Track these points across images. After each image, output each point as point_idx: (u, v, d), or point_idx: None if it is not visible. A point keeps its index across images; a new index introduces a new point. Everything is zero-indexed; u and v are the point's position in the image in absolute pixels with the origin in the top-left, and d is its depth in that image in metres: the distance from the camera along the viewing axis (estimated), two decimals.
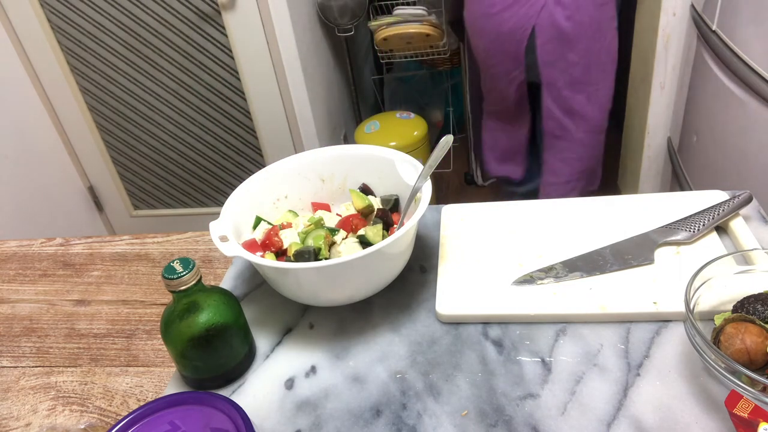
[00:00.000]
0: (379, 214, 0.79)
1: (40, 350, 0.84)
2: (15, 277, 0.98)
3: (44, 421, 0.74)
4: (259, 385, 0.68)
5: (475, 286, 0.73)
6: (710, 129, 1.48)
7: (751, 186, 0.97)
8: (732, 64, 1.31)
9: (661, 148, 1.96)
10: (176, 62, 2.01)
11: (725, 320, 0.57)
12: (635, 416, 0.57)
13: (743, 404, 0.49)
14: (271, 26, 1.89)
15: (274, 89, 2.03)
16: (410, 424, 0.60)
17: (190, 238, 1.01)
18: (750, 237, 0.72)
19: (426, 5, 2.22)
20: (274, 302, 0.78)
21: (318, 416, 0.63)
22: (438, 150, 0.75)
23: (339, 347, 0.70)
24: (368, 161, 0.83)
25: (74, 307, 0.91)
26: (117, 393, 0.77)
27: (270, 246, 0.76)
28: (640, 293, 0.68)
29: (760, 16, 1.19)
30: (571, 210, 0.83)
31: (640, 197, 0.84)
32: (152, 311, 0.89)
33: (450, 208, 0.88)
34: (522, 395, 0.61)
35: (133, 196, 2.37)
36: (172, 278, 0.60)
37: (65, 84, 2.08)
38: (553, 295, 0.70)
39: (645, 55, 1.87)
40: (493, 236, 0.81)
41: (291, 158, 0.84)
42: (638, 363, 0.62)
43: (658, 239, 0.75)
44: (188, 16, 1.92)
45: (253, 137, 2.17)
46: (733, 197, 0.76)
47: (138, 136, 2.19)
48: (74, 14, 1.94)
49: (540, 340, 0.66)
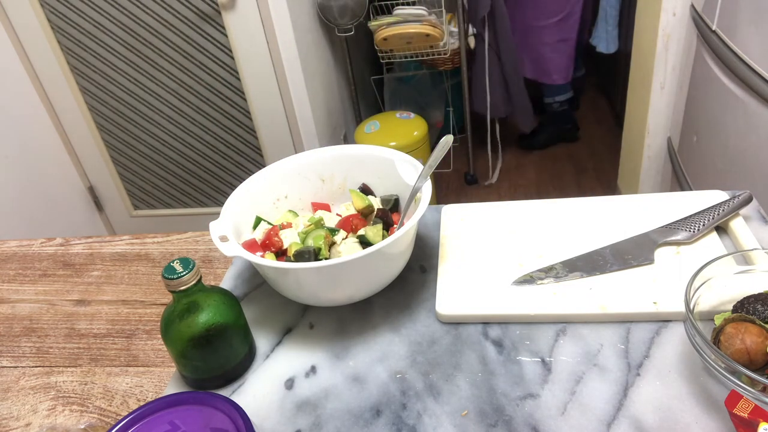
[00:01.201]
0: (379, 214, 0.79)
1: (40, 350, 0.84)
2: (15, 277, 0.99)
3: (44, 421, 0.74)
4: (259, 385, 0.68)
5: (475, 286, 0.73)
6: (710, 129, 1.48)
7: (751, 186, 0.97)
8: (732, 64, 1.31)
9: (661, 148, 1.96)
10: (176, 62, 2.01)
11: (725, 320, 0.57)
12: (635, 416, 0.57)
13: (743, 404, 0.49)
14: (271, 26, 1.89)
15: (274, 89, 2.03)
16: (410, 424, 0.60)
17: (190, 238, 1.01)
18: (750, 237, 0.72)
19: (426, 5, 2.22)
20: (274, 302, 0.78)
21: (318, 416, 0.63)
22: (438, 150, 0.75)
23: (339, 347, 0.70)
24: (368, 161, 0.83)
25: (74, 307, 0.91)
26: (117, 393, 0.77)
27: (270, 246, 0.76)
28: (640, 293, 0.68)
29: (760, 16, 1.19)
30: (571, 210, 0.83)
31: (640, 197, 0.84)
32: (152, 311, 0.89)
33: (450, 208, 0.88)
34: (522, 395, 0.61)
35: (133, 196, 2.37)
36: (172, 278, 0.60)
37: (65, 84, 2.08)
38: (553, 295, 0.70)
39: (645, 55, 1.87)
40: (493, 236, 0.81)
41: (291, 158, 0.84)
42: (638, 363, 0.62)
43: (658, 239, 0.75)
44: (188, 16, 1.92)
45: (253, 137, 2.17)
46: (733, 197, 0.76)
47: (138, 136, 2.19)
48: (74, 14, 1.94)
49: (540, 340, 0.66)
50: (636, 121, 2.05)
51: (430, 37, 2.18)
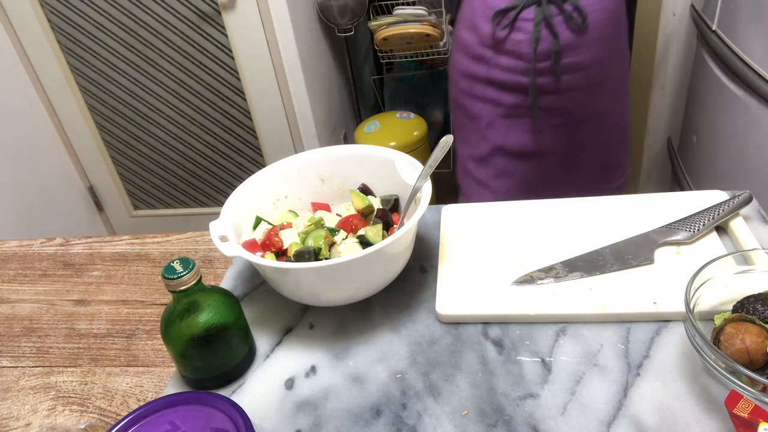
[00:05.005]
0: (379, 214, 0.79)
1: (40, 350, 0.84)
2: (15, 277, 0.99)
3: (44, 421, 0.74)
4: (259, 385, 0.68)
5: (475, 286, 0.73)
6: (710, 129, 1.48)
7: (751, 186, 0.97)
8: (732, 64, 1.31)
9: (661, 148, 1.96)
10: (176, 62, 2.01)
11: (725, 320, 0.57)
12: (635, 416, 0.57)
13: (743, 404, 0.49)
14: (271, 26, 1.89)
15: (274, 89, 2.03)
16: (410, 424, 0.60)
17: (190, 238, 1.01)
18: (750, 237, 0.72)
19: (426, 5, 2.22)
20: (274, 302, 0.78)
21: (318, 416, 0.63)
22: (438, 150, 0.75)
23: (339, 347, 0.70)
24: (368, 161, 0.83)
25: (74, 307, 0.91)
26: (117, 393, 0.77)
27: (270, 246, 0.76)
28: (640, 293, 0.68)
29: (760, 16, 1.19)
30: (571, 210, 0.83)
31: (640, 197, 0.84)
32: (152, 311, 0.89)
33: (450, 208, 0.88)
34: (522, 395, 0.61)
35: (133, 196, 2.37)
36: (172, 278, 0.60)
37: (65, 84, 2.08)
38: (553, 295, 0.70)
39: (645, 55, 1.88)
40: (493, 236, 0.81)
41: (291, 158, 0.84)
42: (638, 363, 0.62)
43: (658, 239, 0.75)
44: (188, 16, 1.92)
45: (253, 137, 2.17)
46: (733, 197, 0.76)
47: (138, 136, 2.19)
48: (74, 14, 1.94)
49: (540, 340, 0.66)
50: (636, 121, 2.05)
51: (430, 37, 2.17)
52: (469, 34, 1.38)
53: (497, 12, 1.29)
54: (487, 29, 1.32)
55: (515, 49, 1.31)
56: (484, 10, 1.33)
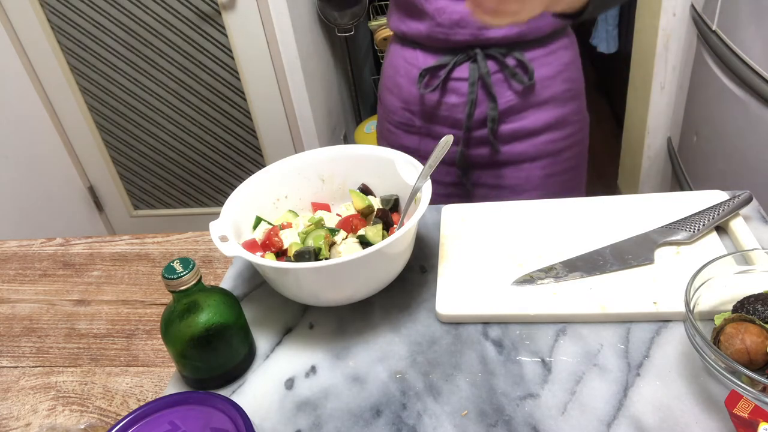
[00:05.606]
0: (379, 214, 0.79)
1: (40, 350, 0.84)
2: (15, 277, 0.99)
3: (44, 421, 0.74)
4: (259, 385, 0.68)
5: (475, 286, 0.73)
6: (710, 129, 1.48)
7: (751, 186, 0.97)
8: (732, 64, 1.31)
9: (661, 148, 1.96)
10: (176, 62, 2.01)
11: (725, 320, 0.57)
12: (635, 416, 0.57)
13: (743, 404, 0.49)
14: (271, 26, 1.89)
15: (274, 89, 2.03)
16: (410, 424, 0.60)
17: (190, 238, 1.01)
18: (750, 237, 0.72)
19: None
20: (274, 302, 0.78)
21: (318, 416, 0.63)
22: (438, 150, 0.75)
23: (339, 347, 0.70)
24: (368, 161, 0.83)
25: (74, 307, 0.91)
26: (117, 393, 0.77)
27: (270, 246, 0.76)
28: (640, 293, 0.68)
29: (760, 16, 1.19)
30: (571, 210, 0.83)
31: (640, 197, 0.84)
32: (152, 311, 0.89)
33: (450, 208, 0.88)
34: (522, 395, 0.61)
35: (133, 196, 2.37)
36: (172, 278, 0.60)
37: (65, 84, 2.08)
38: (553, 295, 0.70)
39: (645, 55, 1.88)
40: (493, 236, 0.81)
41: (291, 158, 0.84)
42: (638, 363, 0.62)
43: (658, 239, 0.75)
44: (188, 16, 1.92)
45: (253, 137, 2.17)
46: (733, 197, 0.76)
47: (138, 136, 2.20)
48: (74, 14, 1.94)
49: (540, 340, 0.66)
50: (636, 121, 2.05)
51: None
52: (392, 97, 1.11)
53: (424, 71, 1.01)
54: (413, 92, 1.05)
55: (449, 115, 1.03)
56: (407, 69, 1.06)
